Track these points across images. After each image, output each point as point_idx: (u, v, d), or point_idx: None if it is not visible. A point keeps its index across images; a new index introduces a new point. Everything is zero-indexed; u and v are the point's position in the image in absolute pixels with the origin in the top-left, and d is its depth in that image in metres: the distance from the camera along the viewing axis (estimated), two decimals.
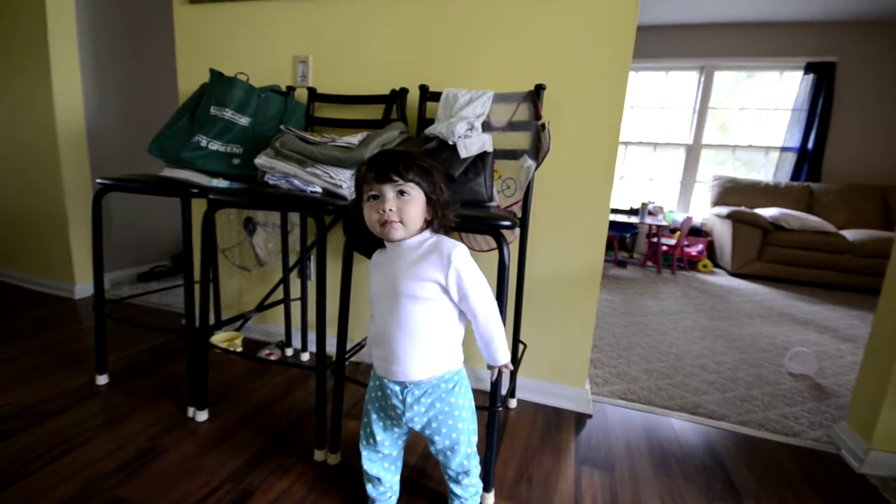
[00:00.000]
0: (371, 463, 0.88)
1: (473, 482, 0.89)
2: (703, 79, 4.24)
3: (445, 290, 0.77)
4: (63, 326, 1.78)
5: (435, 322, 0.78)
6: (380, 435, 0.86)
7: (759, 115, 4.23)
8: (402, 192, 0.76)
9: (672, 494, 1.05)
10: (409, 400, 0.80)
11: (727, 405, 1.48)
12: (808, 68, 3.90)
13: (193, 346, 1.22)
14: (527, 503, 0.99)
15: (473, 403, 0.86)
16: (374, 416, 0.86)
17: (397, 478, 0.92)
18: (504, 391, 1.32)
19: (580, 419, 1.35)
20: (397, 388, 0.80)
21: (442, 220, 0.80)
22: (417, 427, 0.82)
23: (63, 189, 2.05)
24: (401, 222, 0.76)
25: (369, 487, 0.90)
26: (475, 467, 0.88)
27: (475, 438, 0.86)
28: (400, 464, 0.92)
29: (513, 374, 1.33)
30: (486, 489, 0.98)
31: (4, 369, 1.42)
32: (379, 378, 0.83)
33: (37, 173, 2.10)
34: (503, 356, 0.84)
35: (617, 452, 1.20)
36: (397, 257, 0.79)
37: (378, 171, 0.75)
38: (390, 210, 0.75)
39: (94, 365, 1.41)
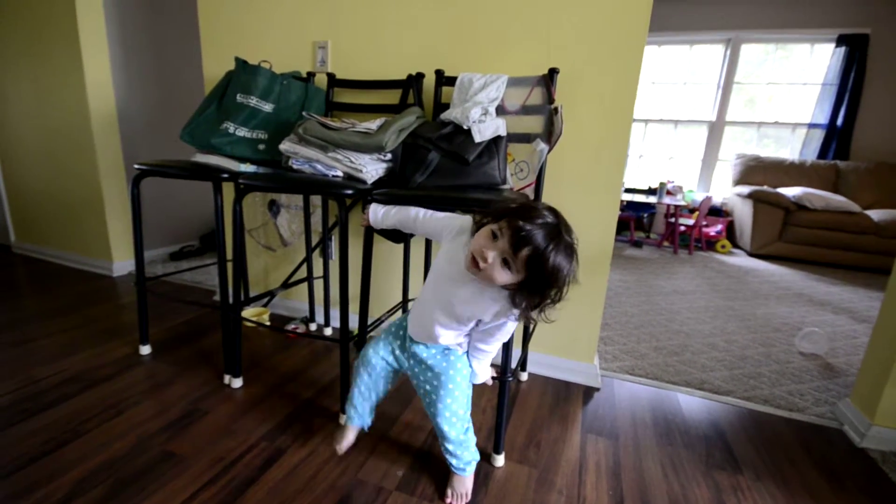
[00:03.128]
0: (366, 356, 1.00)
1: (460, 453, 0.95)
2: (728, 52, 4.11)
3: (479, 322, 0.87)
4: (105, 302, 1.92)
5: (456, 334, 0.90)
6: (381, 343, 0.99)
7: (787, 90, 4.10)
8: (507, 264, 0.73)
9: (672, 461, 1.12)
10: (421, 345, 0.93)
11: (734, 381, 1.53)
12: (840, 41, 3.74)
13: (227, 319, 1.32)
14: (534, 465, 1.08)
15: (470, 391, 0.95)
16: (384, 333, 1.01)
17: (369, 406, 1.04)
18: (514, 364, 1.40)
19: (588, 392, 1.43)
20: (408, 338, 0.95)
21: (510, 304, 0.78)
22: (418, 357, 0.93)
23: (98, 172, 2.17)
24: (480, 272, 0.75)
25: (348, 408, 1.04)
26: (463, 438, 0.94)
27: (464, 412, 0.93)
28: (376, 396, 1.03)
29: (524, 348, 1.40)
30: (497, 451, 1.07)
31: (56, 340, 1.56)
32: (404, 320, 0.99)
33: (73, 157, 2.22)
34: (481, 377, 0.97)
35: (622, 423, 1.27)
36: (470, 283, 0.81)
37: (522, 244, 0.70)
38: (484, 262, 0.73)
39: (137, 336, 1.53)
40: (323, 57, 1.56)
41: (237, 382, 1.33)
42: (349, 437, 1.03)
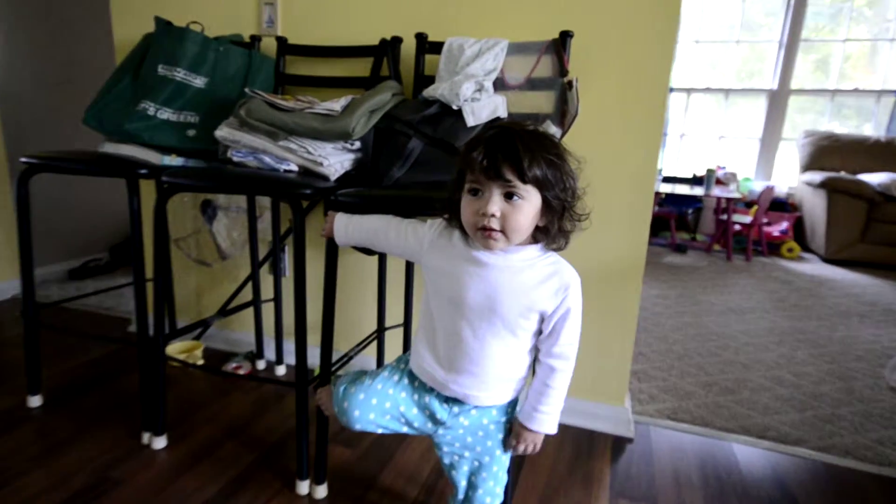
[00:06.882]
0: (348, 417, 0.91)
1: None
2: (793, 1, 4.21)
3: (542, 321, 0.84)
4: None
5: (521, 353, 0.87)
6: (380, 383, 0.92)
7: (870, 48, 4.19)
8: (511, 195, 0.75)
9: None
10: (455, 409, 0.89)
11: (805, 427, 1.57)
12: None
13: (147, 359, 1.32)
14: None
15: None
16: (373, 381, 0.93)
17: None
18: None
19: (618, 444, 1.45)
20: (442, 396, 0.89)
21: (556, 237, 0.81)
22: (447, 438, 0.91)
23: None
24: (503, 232, 0.76)
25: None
26: None
27: (500, 490, 0.94)
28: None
29: None
30: None
31: None
32: (416, 378, 0.91)
33: None
34: (549, 425, 0.87)
35: (662, 484, 1.29)
36: (499, 269, 0.81)
37: (491, 162, 0.73)
38: (492, 216, 0.75)
39: (25, 383, 1.52)
40: (271, 15, 1.58)
41: (160, 442, 1.32)
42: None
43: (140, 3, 1.71)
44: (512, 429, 0.90)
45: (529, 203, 0.76)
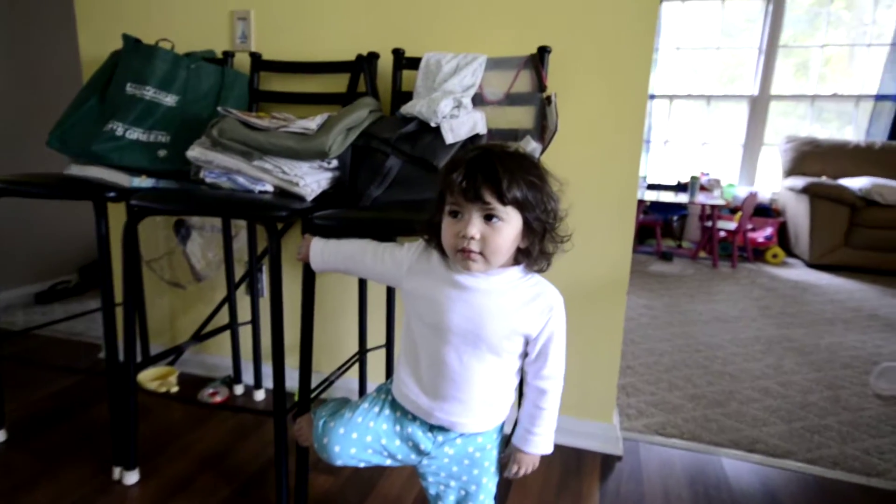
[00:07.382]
0: (328, 453, 0.91)
1: None
2: (771, 7, 4.32)
3: (527, 344, 0.86)
4: None
5: (507, 376, 0.88)
6: (360, 416, 0.91)
7: (848, 52, 4.31)
8: (491, 217, 0.76)
9: None
10: (440, 438, 0.89)
11: (793, 439, 1.59)
12: None
13: (117, 389, 1.30)
14: None
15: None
16: (352, 414, 0.92)
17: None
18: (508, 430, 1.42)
19: (606, 462, 1.45)
20: (426, 425, 0.89)
21: (537, 259, 0.83)
22: (432, 468, 0.91)
23: None
24: (482, 254, 0.78)
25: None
26: None
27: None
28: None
29: (519, 407, 1.42)
30: None
31: None
32: (398, 407, 0.91)
33: None
34: (545, 445, 0.91)
35: (652, 502, 1.30)
36: (481, 292, 0.82)
37: (470, 183, 0.75)
38: (472, 238, 0.76)
39: None
40: (244, 31, 1.58)
41: (132, 477, 1.30)
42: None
43: (108, 20, 1.70)
44: (504, 453, 0.92)
45: (509, 225, 0.77)
